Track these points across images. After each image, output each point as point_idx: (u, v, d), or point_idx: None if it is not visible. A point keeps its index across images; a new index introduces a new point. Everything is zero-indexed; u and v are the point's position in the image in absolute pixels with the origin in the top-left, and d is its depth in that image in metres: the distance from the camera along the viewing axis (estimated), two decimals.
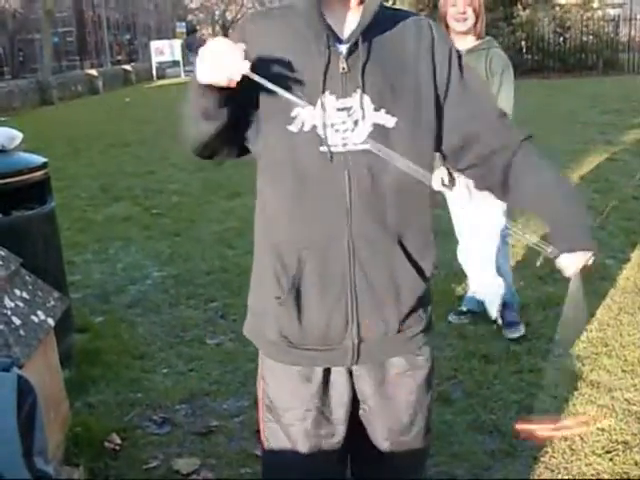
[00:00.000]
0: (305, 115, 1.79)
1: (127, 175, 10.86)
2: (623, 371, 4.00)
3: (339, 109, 1.81)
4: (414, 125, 1.84)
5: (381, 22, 1.82)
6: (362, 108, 1.81)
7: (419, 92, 1.86)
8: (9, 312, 3.00)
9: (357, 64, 1.80)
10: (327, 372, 2.00)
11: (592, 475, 3.14)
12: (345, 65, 1.80)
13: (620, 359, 4.13)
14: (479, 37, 4.22)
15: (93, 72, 34.32)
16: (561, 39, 26.82)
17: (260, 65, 1.76)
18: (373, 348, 1.97)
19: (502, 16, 25.96)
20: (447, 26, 4.16)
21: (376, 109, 1.81)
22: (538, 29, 26.26)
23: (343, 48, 1.80)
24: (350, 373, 2.03)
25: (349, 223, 1.84)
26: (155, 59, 43.59)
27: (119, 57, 68.48)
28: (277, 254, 1.89)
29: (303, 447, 2.04)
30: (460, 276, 5.57)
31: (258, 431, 2.23)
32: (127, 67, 40.58)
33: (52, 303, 3.40)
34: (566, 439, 3.39)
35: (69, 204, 8.72)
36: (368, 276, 1.88)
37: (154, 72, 42.43)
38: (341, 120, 1.81)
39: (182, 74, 42.02)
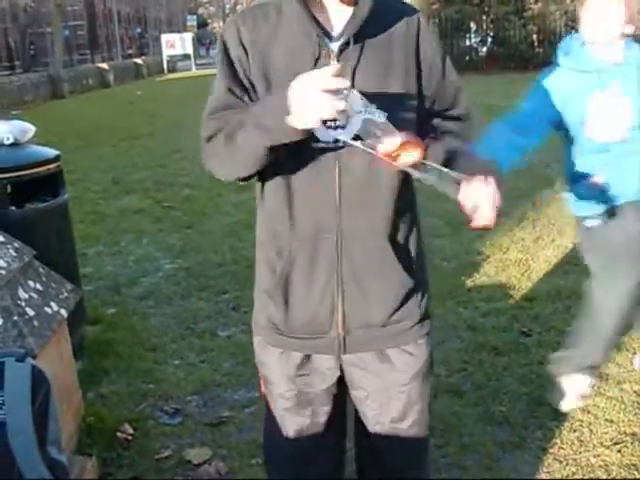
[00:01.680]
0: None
1: (138, 168, 10.89)
2: (632, 363, 4.00)
3: None
4: (402, 119, 1.87)
5: (372, 16, 1.84)
6: (353, 105, 1.81)
7: (407, 87, 1.90)
8: (23, 303, 3.02)
9: (348, 62, 1.82)
10: (307, 355, 2.05)
11: (600, 466, 3.15)
12: (336, 63, 1.81)
13: (629, 352, 4.13)
14: None
15: (104, 66, 34.40)
16: (573, 32, 26.71)
17: (256, 65, 1.84)
18: (359, 340, 2.00)
19: (514, 9, 25.89)
20: None
21: (366, 105, 1.82)
22: (550, 22, 26.13)
23: (335, 46, 1.83)
24: (338, 357, 2.06)
25: (338, 218, 1.88)
26: (166, 52, 43.63)
27: (130, 50, 68.48)
28: (270, 246, 1.97)
29: (288, 423, 2.13)
30: (469, 269, 5.59)
31: None
32: (138, 60, 40.62)
33: (65, 294, 3.43)
34: (575, 430, 3.41)
35: (81, 197, 8.76)
36: (355, 270, 1.93)
37: (165, 65, 42.48)
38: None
39: (193, 67, 42.05)
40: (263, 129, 1.74)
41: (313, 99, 1.63)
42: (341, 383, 2.11)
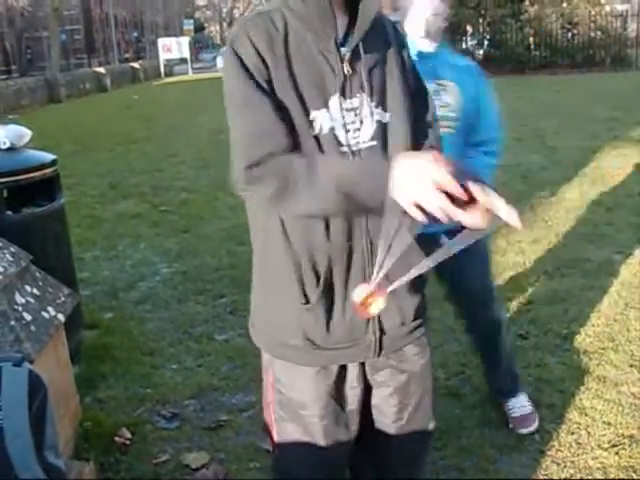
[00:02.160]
0: (321, 118, 1.83)
1: (135, 172, 10.89)
2: (630, 366, 4.01)
3: (347, 109, 1.85)
4: (401, 119, 1.92)
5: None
6: (367, 107, 1.87)
7: (401, 89, 1.94)
8: (20, 308, 3.02)
9: (359, 65, 1.86)
10: (343, 366, 2.03)
11: (598, 469, 3.15)
12: (349, 67, 1.85)
13: (627, 354, 4.14)
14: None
15: (101, 70, 34.42)
16: (569, 35, 26.79)
17: (275, 72, 1.81)
18: (393, 338, 2.02)
19: (510, 12, 25.97)
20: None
21: (376, 106, 1.88)
22: (546, 25, 26.22)
23: (346, 50, 1.85)
24: (363, 363, 2.06)
25: (365, 219, 1.88)
26: (163, 56, 43.67)
27: (127, 55, 68.54)
28: (301, 259, 1.89)
29: (322, 442, 2.06)
30: None
31: (265, 426, 2.25)
32: (135, 65, 40.65)
33: (62, 299, 3.43)
34: (572, 433, 3.41)
35: (78, 201, 8.76)
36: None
37: (162, 69, 42.52)
38: (351, 120, 1.85)
39: (190, 71, 42.10)
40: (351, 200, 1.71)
41: (426, 190, 1.58)
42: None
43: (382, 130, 1.89)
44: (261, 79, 1.81)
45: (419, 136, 1.98)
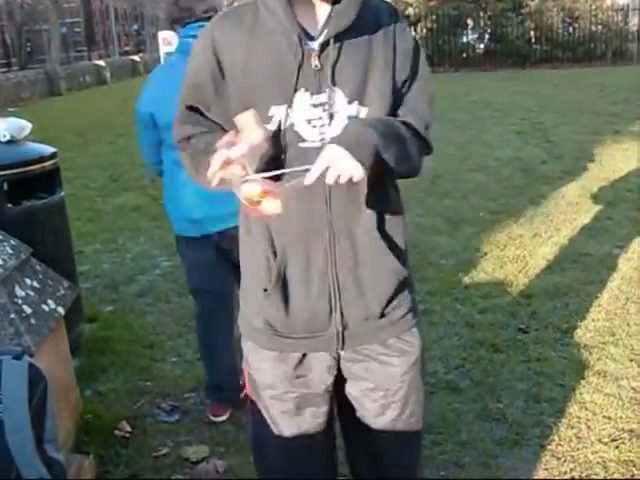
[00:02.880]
0: (281, 114, 1.82)
1: (136, 165, 10.85)
2: (630, 360, 4.01)
3: (314, 105, 1.83)
4: (382, 113, 1.89)
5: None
6: (336, 103, 1.84)
7: (385, 81, 1.89)
8: (20, 301, 3.02)
9: (329, 60, 1.82)
10: (303, 354, 2.04)
11: (598, 463, 3.15)
12: (318, 62, 1.82)
13: (627, 348, 4.14)
14: None
15: (101, 63, 34.34)
16: (570, 29, 26.70)
17: (233, 69, 1.84)
18: (357, 334, 2.00)
19: (511, 6, 25.91)
20: None
21: (349, 102, 1.84)
22: (547, 19, 26.15)
23: (315, 45, 1.82)
24: (337, 355, 2.06)
25: (329, 214, 1.88)
26: (163, 49, 43.56)
27: (127, 47, 68.38)
28: (265, 247, 1.93)
29: (284, 427, 2.10)
30: (467, 266, 5.60)
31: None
32: (135, 58, 40.52)
33: (62, 292, 3.42)
34: (572, 427, 3.41)
35: (78, 194, 8.75)
36: (350, 264, 1.93)
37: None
38: (317, 116, 1.84)
39: None
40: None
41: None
42: (335, 381, 2.11)
43: None
44: (209, 76, 1.89)
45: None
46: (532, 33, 26.40)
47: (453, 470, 3.18)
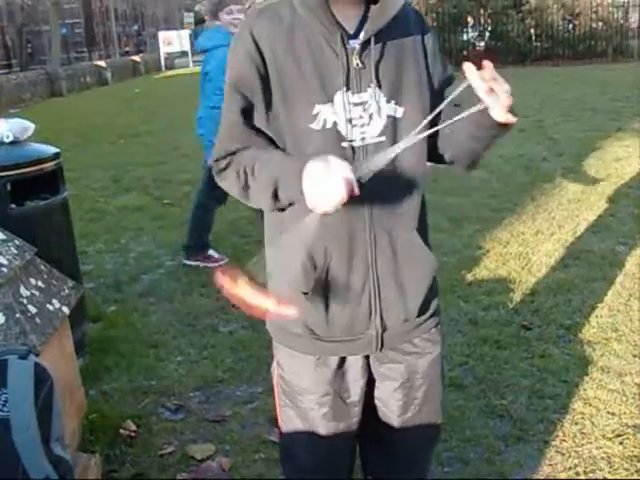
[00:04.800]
0: (326, 112, 1.81)
1: (138, 166, 10.88)
2: (633, 356, 4.01)
3: (355, 104, 1.83)
4: (418, 113, 1.88)
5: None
6: (377, 102, 1.84)
7: (420, 81, 1.91)
8: (25, 300, 3.02)
9: (370, 59, 1.83)
10: (345, 358, 2.04)
11: (603, 458, 3.16)
12: (359, 61, 1.82)
13: (630, 344, 4.15)
14: None
15: (102, 63, 34.33)
16: (570, 26, 26.65)
17: (275, 65, 1.81)
18: (395, 335, 2.01)
19: (511, 4, 25.86)
20: None
21: (387, 101, 1.85)
22: (547, 16, 26.10)
23: (356, 44, 1.82)
24: (367, 355, 2.06)
25: (370, 215, 1.87)
26: (163, 50, 43.56)
27: (127, 48, 68.37)
28: (304, 249, 1.89)
29: (322, 430, 2.08)
30: (470, 263, 5.60)
31: (274, 418, 2.26)
32: (136, 58, 40.53)
33: (67, 292, 3.43)
34: (576, 423, 3.42)
35: (80, 195, 8.75)
36: (391, 267, 1.93)
37: (162, 63, 42.39)
38: (358, 115, 1.84)
39: (190, 64, 41.98)
40: (277, 196, 1.78)
41: (334, 188, 1.62)
42: (368, 381, 2.12)
43: (393, 126, 1.86)
44: (256, 75, 1.84)
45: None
46: (532, 30, 26.34)
47: (458, 466, 3.19)
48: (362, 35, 1.83)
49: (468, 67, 1.66)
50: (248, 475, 3.22)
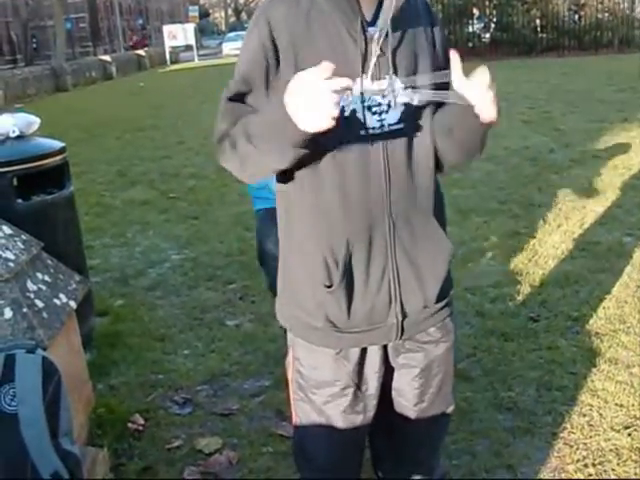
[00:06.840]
0: (346, 99, 1.79)
1: (143, 160, 10.89)
2: None
3: (374, 91, 1.83)
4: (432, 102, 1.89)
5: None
6: (395, 89, 1.83)
7: (433, 67, 1.91)
8: (32, 295, 3.03)
9: (389, 46, 1.82)
10: (364, 349, 2.02)
11: (611, 450, 3.15)
12: (377, 48, 1.81)
13: (638, 336, 4.13)
14: None
15: (106, 58, 34.38)
16: (576, 17, 26.61)
17: (291, 53, 1.79)
18: (415, 322, 2.01)
19: None
20: None
21: (405, 88, 1.84)
22: (553, 7, 26.06)
23: (375, 31, 1.81)
24: (385, 346, 2.05)
25: (388, 203, 1.87)
26: (168, 43, 43.60)
27: (131, 42, 68.38)
28: (325, 243, 1.88)
29: (340, 424, 2.07)
30: (477, 255, 5.60)
31: (282, 411, 2.26)
32: (140, 52, 40.54)
33: (74, 286, 3.43)
34: (584, 415, 3.41)
35: (86, 189, 8.76)
36: (409, 253, 1.92)
37: (167, 57, 42.43)
38: (377, 102, 1.83)
39: (195, 58, 42.02)
40: (271, 153, 1.74)
41: (322, 99, 1.56)
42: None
43: (411, 112, 1.86)
44: (263, 59, 1.82)
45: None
46: (538, 21, 26.31)
47: (465, 458, 3.19)
48: (380, 22, 1.81)
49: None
50: (256, 468, 3.22)
